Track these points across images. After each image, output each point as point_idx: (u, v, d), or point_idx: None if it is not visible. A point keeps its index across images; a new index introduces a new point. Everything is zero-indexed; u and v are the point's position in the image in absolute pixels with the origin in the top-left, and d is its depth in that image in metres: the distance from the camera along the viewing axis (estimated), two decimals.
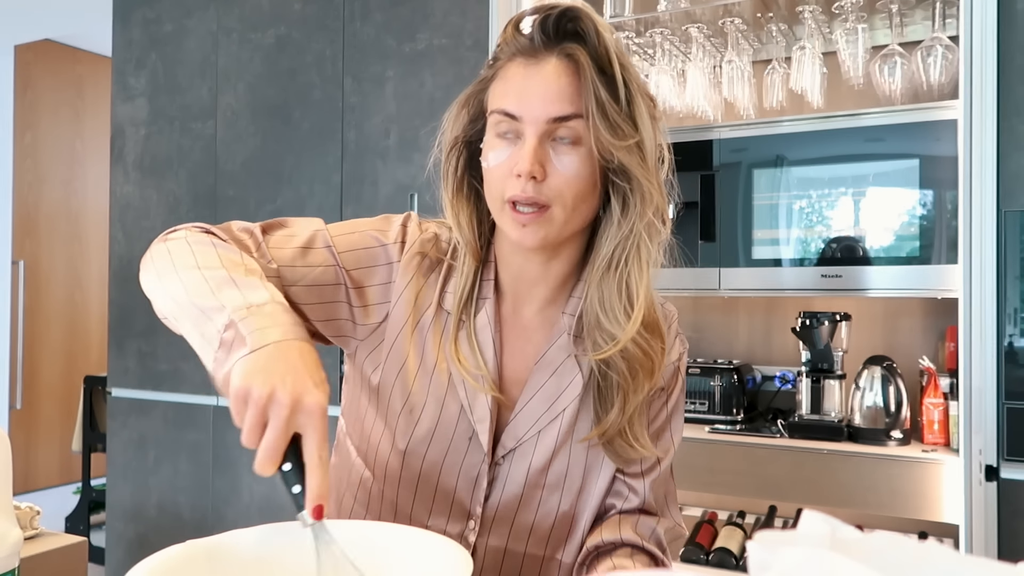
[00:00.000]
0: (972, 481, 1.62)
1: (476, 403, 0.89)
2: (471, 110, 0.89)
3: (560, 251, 0.89)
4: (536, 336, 0.92)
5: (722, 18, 2.01)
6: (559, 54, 0.83)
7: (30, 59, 4.69)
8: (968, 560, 0.38)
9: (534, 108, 0.82)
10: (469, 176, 0.91)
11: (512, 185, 0.82)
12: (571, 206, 0.83)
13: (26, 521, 1.51)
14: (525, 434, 0.89)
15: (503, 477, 0.90)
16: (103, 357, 4.73)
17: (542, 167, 0.81)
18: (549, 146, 0.82)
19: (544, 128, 0.82)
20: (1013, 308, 1.63)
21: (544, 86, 0.82)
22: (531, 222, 0.83)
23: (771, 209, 1.92)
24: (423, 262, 0.92)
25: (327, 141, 2.45)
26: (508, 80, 0.84)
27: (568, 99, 0.82)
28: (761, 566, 0.38)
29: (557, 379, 0.90)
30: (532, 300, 0.92)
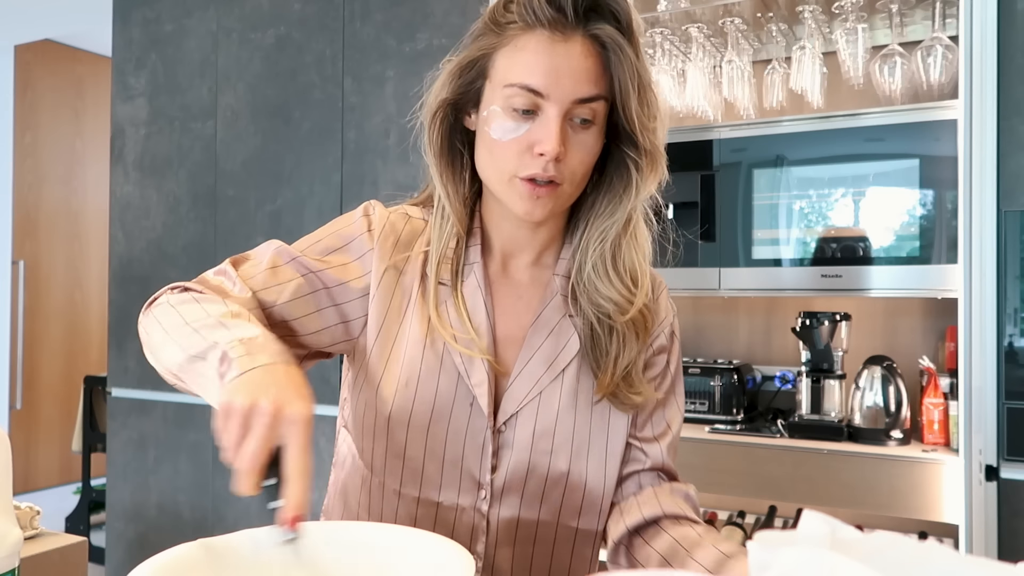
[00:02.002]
0: (972, 481, 1.62)
1: (473, 368, 0.87)
2: (468, 75, 0.87)
3: (549, 220, 0.90)
4: (527, 294, 0.92)
5: (722, 18, 2.01)
6: (586, 33, 0.82)
7: (30, 59, 4.69)
8: (968, 560, 0.39)
9: (563, 87, 0.80)
10: (451, 138, 0.90)
11: (530, 163, 0.82)
12: (579, 183, 0.86)
13: (26, 521, 1.51)
14: (526, 397, 0.88)
15: (509, 444, 0.88)
16: (103, 357, 4.74)
17: (565, 147, 0.82)
18: (569, 125, 0.82)
19: (568, 108, 0.81)
20: (1013, 308, 1.63)
21: (573, 64, 0.81)
22: (544, 195, 0.83)
23: (771, 209, 1.92)
24: (398, 241, 0.92)
25: (327, 141, 2.45)
26: (531, 53, 0.81)
27: (593, 80, 0.81)
28: (761, 566, 0.38)
29: (555, 339, 0.90)
30: (520, 260, 0.94)
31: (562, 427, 0.88)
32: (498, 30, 0.84)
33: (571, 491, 0.89)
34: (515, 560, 0.90)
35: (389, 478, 0.90)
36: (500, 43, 0.84)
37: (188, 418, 2.66)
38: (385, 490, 0.91)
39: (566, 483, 0.89)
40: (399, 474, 0.89)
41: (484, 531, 0.89)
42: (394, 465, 0.89)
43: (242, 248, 2.64)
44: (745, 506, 2.11)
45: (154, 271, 2.75)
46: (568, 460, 0.88)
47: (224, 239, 2.62)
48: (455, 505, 0.89)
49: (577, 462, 0.89)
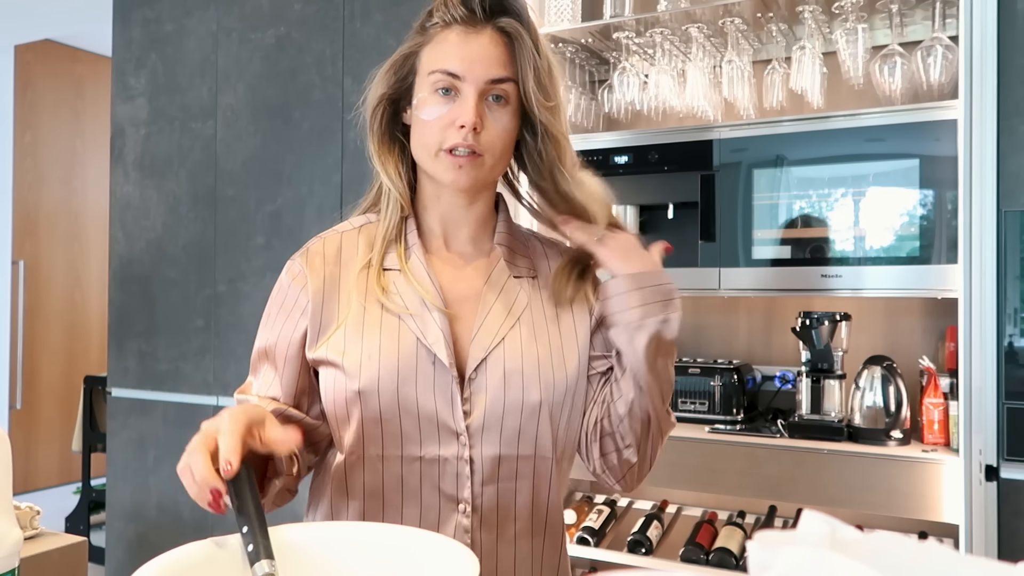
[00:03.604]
0: (972, 481, 1.62)
1: (427, 328, 0.96)
2: (401, 70, 1.02)
3: (479, 196, 1.03)
4: (472, 263, 1.04)
5: (722, 18, 2.01)
6: (494, 27, 0.97)
7: (30, 59, 4.69)
8: (968, 560, 0.39)
9: (475, 69, 0.95)
10: (392, 129, 1.04)
11: (452, 135, 0.95)
12: (498, 156, 0.98)
13: (26, 521, 1.51)
14: (491, 343, 0.97)
15: (482, 388, 0.96)
16: (103, 357, 4.74)
17: (481, 120, 0.95)
18: (485, 104, 0.96)
19: (482, 88, 0.95)
20: (1013, 308, 1.63)
21: (484, 51, 0.96)
22: (466, 164, 0.95)
23: (771, 209, 1.92)
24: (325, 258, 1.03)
25: (327, 141, 2.45)
26: (450, 44, 0.97)
27: (503, 64, 0.96)
28: (761, 566, 0.38)
29: (506, 295, 1.01)
30: (459, 238, 1.04)
31: (528, 362, 0.97)
32: (423, 32, 1.01)
33: (544, 422, 0.98)
34: (499, 497, 0.97)
35: (370, 447, 0.96)
36: (425, 41, 1.00)
37: (188, 418, 2.66)
38: (367, 459, 0.96)
39: (539, 415, 0.97)
40: (380, 439, 0.96)
41: (468, 475, 0.96)
42: (373, 432, 0.96)
43: (242, 248, 2.65)
44: (745, 506, 2.11)
45: (154, 271, 2.75)
46: (539, 392, 0.97)
47: (224, 239, 2.62)
48: (437, 456, 0.96)
49: (548, 393, 0.98)
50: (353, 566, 0.74)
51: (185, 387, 2.67)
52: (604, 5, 2.15)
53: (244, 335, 2.56)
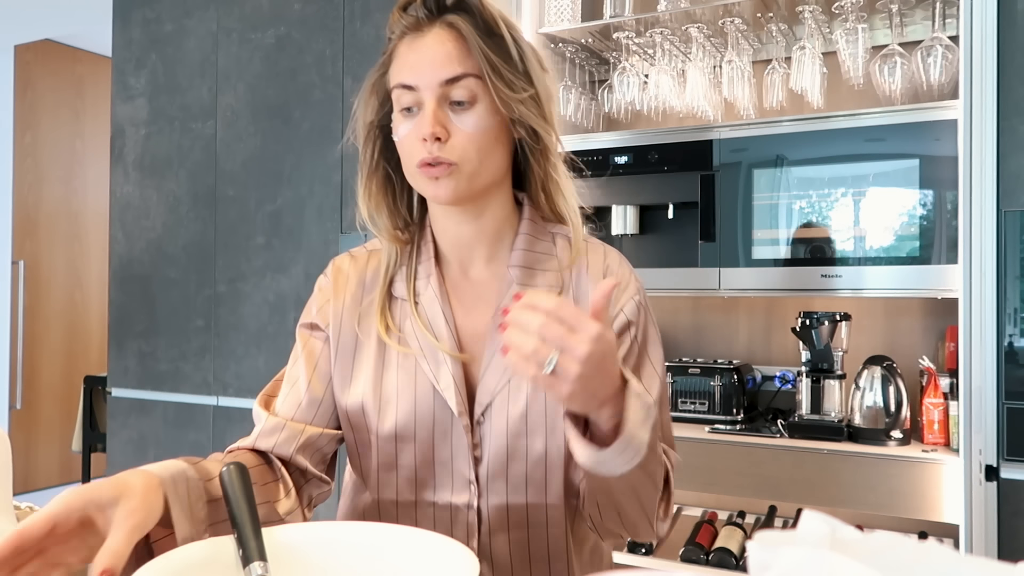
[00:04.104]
0: (972, 481, 1.62)
1: (440, 374, 0.92)
2: (379, 95, 0.95)
3: (485, 207, 0.95)
4: (487, 292, 0.96)
5: (722, 18, 2.01)
6: (440, 24, 0.90)
7: (30, 59, 4.69)
8: (968, 560, 0.39)
9: (425, 74, 0.88)
10: (385, 160, 0.97)
11: (419, 149, 0.88)
12: (478, 160, 0.89)
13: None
14: (496, 386, 0.91)
15: (488, 434, 0.91)
16: (103, 357, 4.74)
17: (444, 128, 0.88)
18: (448, 109, 0.89)
19: (439, 91, 0.88)
20: (1013, 308, 1.63)
21: (431, 52, 0.89)
22: (441, 175, 0.88)
23: (771, 209, 1.92)
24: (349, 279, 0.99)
25: (327, 141, 2.45)
26: (400, 56, 0.92)
27: (456, 60, 0.88)
28: (761, 566, 0.38)
29: None
30: (476, 260, 0.97)
31: (534, 408, 0.91)
32: (385, 53, 0.95)
33: (552, 470, 0.91)
34: (512, 546, 0.92)
35: (385, 491, 0.94)
36: (388, 61, 0.94)
37: (188, 418, 2.66)
38: (382, 503, 0.95)
39: (546, 463, 0.91)
40: (395, 485, 0.94)
41: (477, 523, 0.92)
42: (387, 478, 0.94)
43: (242, 248, 2.65)
44: (745, 506, 2.11)
45: (154, 271, 2.75)
46: (544, 439, 0.91)
47: (224, 239, 2.62)
48: (449, 504, 0.92)
49: (553, 440, 0.91)
50: (350, 566, 0.74)
51: (185, 387, 2.67)
52: (604, 5, 2.15)
53: (244, 335, 2.56)
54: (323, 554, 0.75)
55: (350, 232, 2.40)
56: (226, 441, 2.57)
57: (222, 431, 2.59)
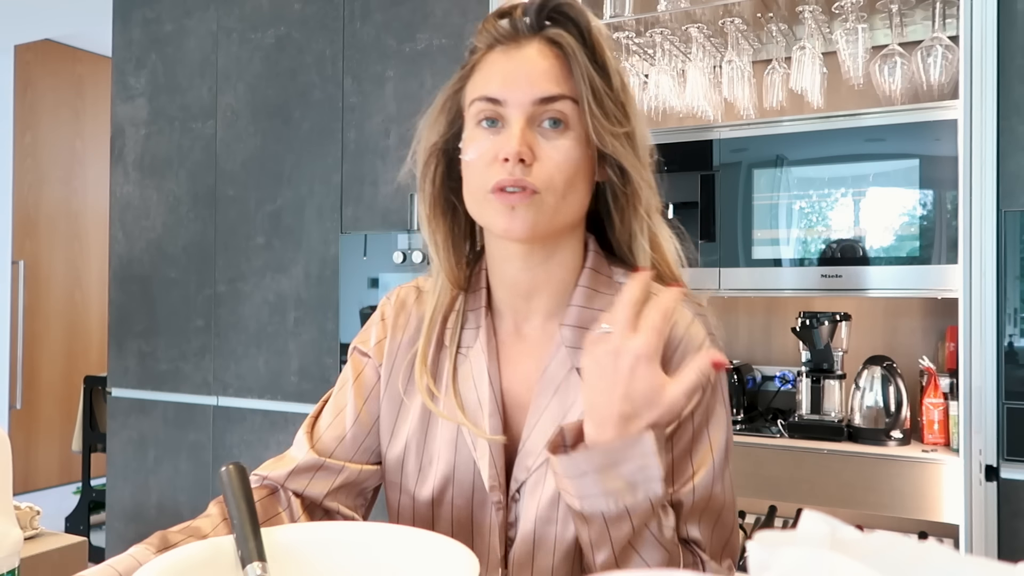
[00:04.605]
0: (972, 481, 1.62)
1: (478, 442, 0.83)
2: (449, 113, 0.85)
3: (555, 252, 0.84)
4: (537, 351, 0.85)
5: (722, 18, 2.01)
6: (542, 38, 0.80)
7: (30, 59, 4.69)
8: (968, 560, 0.38)
9: (518, 90, 0.78)
10: (446, 189, 0.86)
11: (497, 171, 0.77)
12: (561, 193, 0.78)
13: (26, 521, 1.51)
14: (535, 463, 0.81)
15: (521, 515, 0.82)
16: (103, 357, 4.74)
17: (530, 150, 0.77)
18: (536, 131, 0.79)
19: (530, 111, 0.78)
20: (1013, 308, 1.63)
21: (528, 66, 0.79)
22: (520, 203, 0.77)
23: (771, 209, 1.92)
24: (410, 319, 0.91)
25: (327, 141, 2.45)
26: (488, 67, 0.81)
27: (553, 80, 0.78)
28: (761, 566, 0.38)
29: (560, 398, 0.82)
30: (533, 315, 0.86)
31: None
32: (466, 65, 0.85)
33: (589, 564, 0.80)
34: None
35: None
36: (468, 74, 0.84)
37: (188, 418, 2.66)
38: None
39: (573, 555, 0.80)
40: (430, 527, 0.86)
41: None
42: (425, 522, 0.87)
43: (242, 248, 2.65)
44: (745, 506, 2.11)
45: (154, 271, 2.75)
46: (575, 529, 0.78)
47: (224, 239, 2.61)
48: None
49: None
50: (349, 567, 0.74)
51: (185, 387, 2.67)
52: (604, 5, 2.15)
53: (244, 335, 2.56)
54: (322, 554, 0.75)
55: (350, 232, 2.40)
56: (226, 441, 2.57)
57: (222, 431, 2.59)
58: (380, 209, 2.36)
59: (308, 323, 2.46)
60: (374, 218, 2.37)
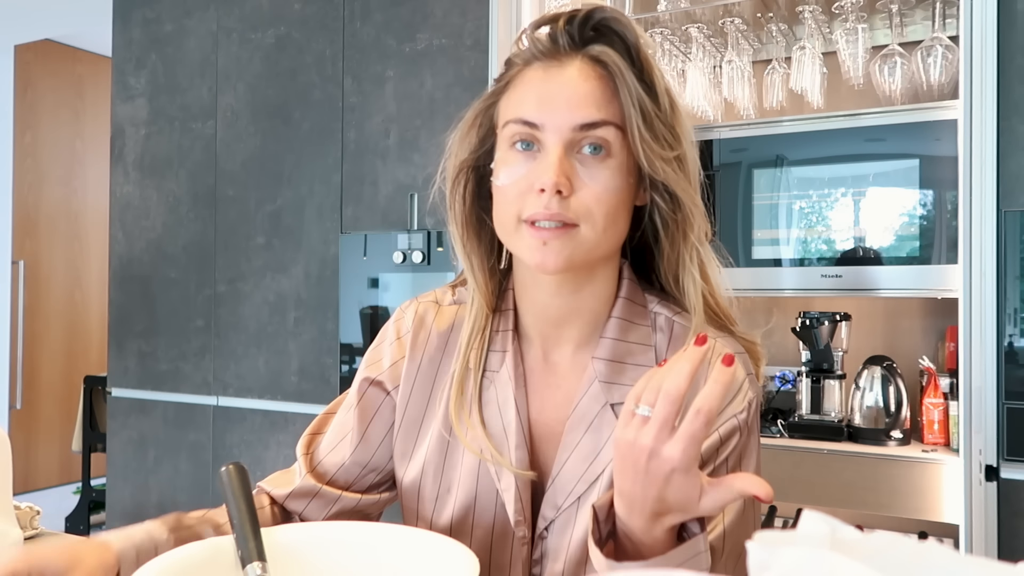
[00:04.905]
0: (972, 481, 1.62)
1: (503, 473, 0.79)
2: (481, 129, 0.81)
3: (588, 281, 0.79)
4: (567, 383, 0.81)
5: (722, 18, 2.01)
6: (584, 56, 0.75)
7: (30, 59, 4.69)
8: (968, 560, 0.38)
9: (557, 114, 0.73)
10: (477, 207, 0.82)
11: (532, 202, 0.73)
12: (601, 226, 0.74)
13: (26, 521, 1.51)
14: (565, 501, 0.77)
15: (549, 553, 0.78)
16: (103, 357, 4.73)
17: (568, 180, 0.72)
18: (575, 158, 0.74)
19: (569, 137, 0.73)
20: (1013, 308, 1.63)
21: (569, 89, 0.73)
22: (553, 239, 0.73)
23: (771, 209, 1.92)
24: (430, 337, 0.86)
25: (327, 141, 2.45)
26: (525, 86, 0.76)
27: (596, 104, 0.73)
28: (761, 566, 0.38)
29: (593, 435, 0.78)
30: (563, 343, 0.82)
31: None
32: (501, 79, 0.80)
33: None
34: None
35: None
36: (503, 89, 0.79)
37: (188, 418, 2.66)
38: None
39: None
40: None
41: None
42: None
43: (242, 248, 2.65)
44: None
45: (154, 271, 2.75)
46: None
47: (224, 239, 2.62)
48: None
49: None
50: (349, 567, 0.74)
51: (185, 387, 2.67)
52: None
53: (244, 335, 2.56)
54: (322, 554, 0.75)
55: (350, 232, 2.40)
56: (226, 441, 2.57)
57: (222, 431, 2.59)
58: (380, 209, 2.36)
59: (308, 323, 2.46)
60: (374, 218, 2.37)
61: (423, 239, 2.27)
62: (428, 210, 2.28)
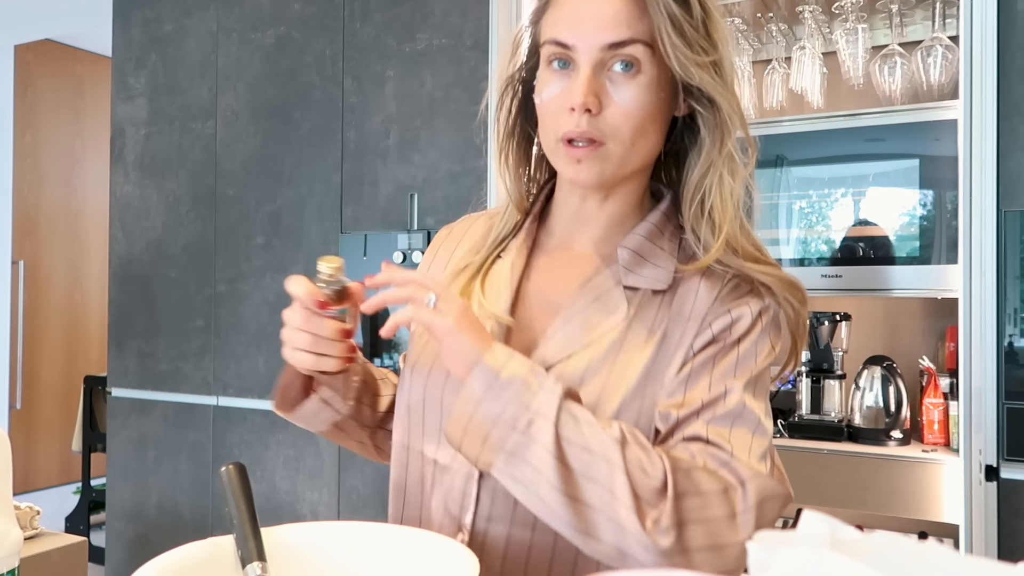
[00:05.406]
0: (972, 481, 1.62)
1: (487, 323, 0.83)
2: (525, 46, 0.86)
3: (618, 189, 0.84)
4: (585, 264, 0.85)
5: (722, 18, 2.01)
6: None
7: (30, 59, 4.69)
8: (968, 560, 0.38)
9: (587, 34, 0.76)
10: (523, 120, 0.88)
11: (566, 120, 0.78)
12: (630, 141, 0.78)
13: (26, 521, 1.51)
14: (551, 360, 0.79)
15: None
16: (103, 357, 4.74)
17: (597, 99, 0.76)
18: (605, 76, 0.77)
19: (599, 56, 0.77)
20: (1013, 308, 1.63)
21: (598, 9, 0.77)
22: (585, 157, 0.78)
23: (771, 209, 1.92)
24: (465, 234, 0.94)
25: (327, 141, 2.45)
26: (560, 6, 0.80)
27: (625, 22, 0.76)
28: (761, 566, 0.38)
29: (600, 304, 0.81)
30: (582, 238, 0.87)
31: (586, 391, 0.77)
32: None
33: None
34: (509, 544, 0.79)
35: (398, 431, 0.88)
36: (544, 7, 0.83)
37: (188, 418, 2.66)
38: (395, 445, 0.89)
39: None
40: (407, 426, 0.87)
41: (474, 500, 0.80)
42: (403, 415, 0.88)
43: (242, 248, 2.65)
44: None
45: (154, 271, 2.75)
46: None
47: (224, 239, 2.62)
48: (449, 465, 0.81)
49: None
50: (349, 566, 0.74)
51: (185, 387, 2.67)
52: None
53: (244, 335, 2.56)
54: (322, 554, 0.75)
55: (350, 232, 2.40)
56: (226, 441, 2.57)
57: (222, 431, 2.59)
58: (380, 209, 2.36)
59: None
60: (374, 218, 2.37)
61: (423, 239, 2.27)
62: (428, 210, 2.28)
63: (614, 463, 0.69)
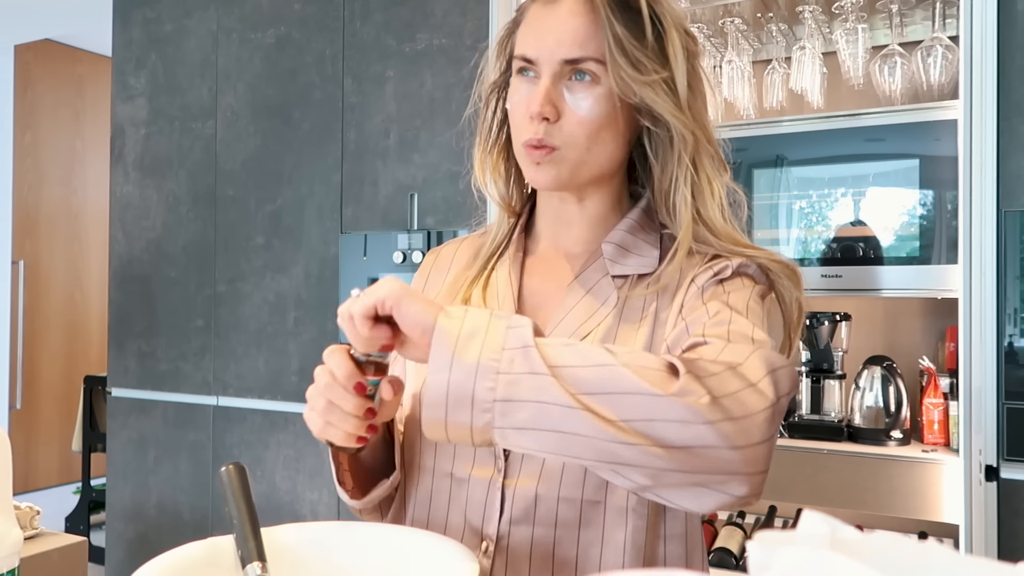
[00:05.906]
0: (972, 481, 1.62)
1: None
2: (504, 54, 0.91)
3: (592, 193, 0.90)
4: (573, 262, 0.91)
5: (722, 18, 2.01)
6: None
7: (30, 59, 4.69)
8: (968, 560, 0.38)
9: (547, 50, 0.82)
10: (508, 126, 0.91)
11: (527, 126, 0.83)
12: (584, 147, 0.83)
13: (26, 521, 1.51)
14: None
15: None
16: (103, 357, 4.74)
17: (554, 108, 0.82)
18: (564, 86, 0.83)
19: (557, 69, 0.82)
20: (1013, 308, 1.63)
21: (557, 27, 0.82)
22: (543, 160, 0.83)
23: (771, 209, 1.92)
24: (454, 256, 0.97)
25: (327, 141, 2.45)
26: (528, 23, 0.86)
27: (580, 41, 0.81)
28: (761, 566, 0.38)
29: (591, 297, 0.87)
30: (567, 239, 0.93)
31: None
32: (518, 12, 0.90)
33: None
34: (535, 544, 0.80)
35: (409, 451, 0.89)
36: (519, 21, 0.89)
37: (188, 418, 2.66)
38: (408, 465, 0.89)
39: None
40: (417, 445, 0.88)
41: (499, 508, 0.81)
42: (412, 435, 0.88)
43: (242, 248, 2.65)
44: (745, 506, 2.11)
45: (154, 271, 2.75)
46: None
47: (224, 239, 2.62)
48: (468, 477, 0.83)
49: None
50: (348, 567, 0.74)
51: (185, 387, 2.67)
52: None
53: (244, 335, 2.56)
54: (322, 554, 0.75)
55: (350, 232, 2.40)
56: (226, 441, 2.57)
57: (222, 431, 2.59)
58: (380, 209, 2.36)
59: (308, 323, 2.46)
60: (374, 218, 2.37)
61: (423, 239, 2.27)
62: (428, 210, 2.28)
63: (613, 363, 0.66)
